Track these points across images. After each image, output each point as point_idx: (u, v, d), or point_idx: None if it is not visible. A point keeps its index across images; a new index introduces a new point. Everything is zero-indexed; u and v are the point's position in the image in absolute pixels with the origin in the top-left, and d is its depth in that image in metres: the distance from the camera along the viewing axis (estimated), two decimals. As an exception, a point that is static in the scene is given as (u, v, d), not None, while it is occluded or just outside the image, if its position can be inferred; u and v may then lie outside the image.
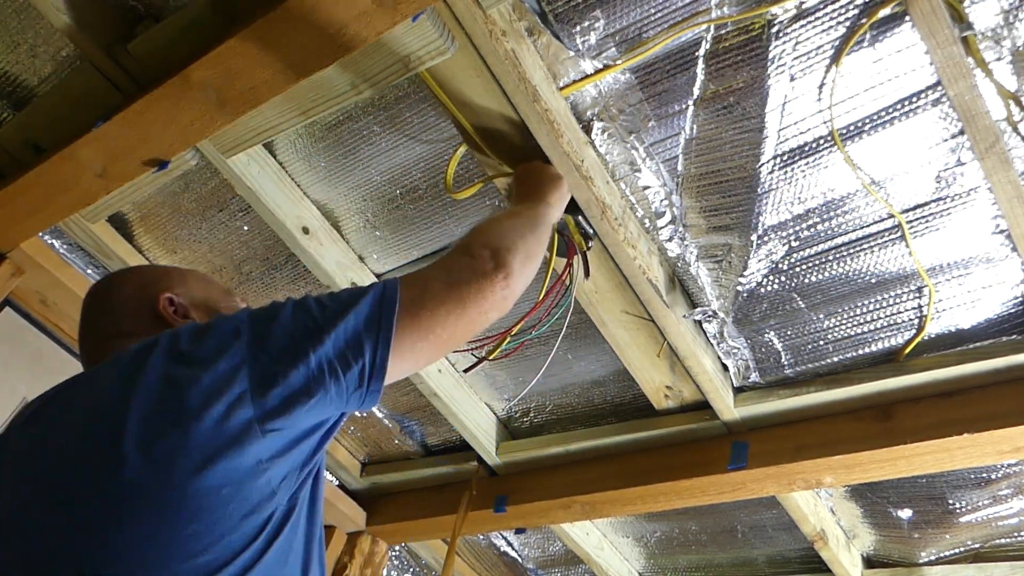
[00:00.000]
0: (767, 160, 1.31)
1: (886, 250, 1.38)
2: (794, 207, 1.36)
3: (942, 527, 1.84)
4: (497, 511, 1.95)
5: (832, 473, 1.56)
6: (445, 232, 1.62)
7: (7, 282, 1.70)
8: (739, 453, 1.64)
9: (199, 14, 1.17)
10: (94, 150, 1.32)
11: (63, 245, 1.80)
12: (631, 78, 1.28)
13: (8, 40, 1.34)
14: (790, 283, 1.47)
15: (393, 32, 1.10)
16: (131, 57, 1.25)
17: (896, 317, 1.45)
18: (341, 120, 1.45)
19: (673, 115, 1.30)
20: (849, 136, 1.26)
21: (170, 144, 1.29)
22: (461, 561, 2.54)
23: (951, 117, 1.19)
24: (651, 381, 1.67)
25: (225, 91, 1.18)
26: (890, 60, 1.16)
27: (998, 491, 1.71)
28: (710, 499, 1.72)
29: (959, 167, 1.24)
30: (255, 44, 1.10)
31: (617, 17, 1.19)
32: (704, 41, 1.21)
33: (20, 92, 1.41)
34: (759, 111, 1.25)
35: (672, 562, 2.32)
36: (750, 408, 1.64)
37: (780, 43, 1.18)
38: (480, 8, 1.11)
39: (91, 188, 1.39)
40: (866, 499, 1.87)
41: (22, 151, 1.46)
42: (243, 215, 1.68)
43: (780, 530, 2.04)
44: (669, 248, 1.47)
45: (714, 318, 1.55)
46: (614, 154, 1.36)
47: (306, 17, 1.05)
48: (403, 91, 1.36)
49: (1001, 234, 1.30)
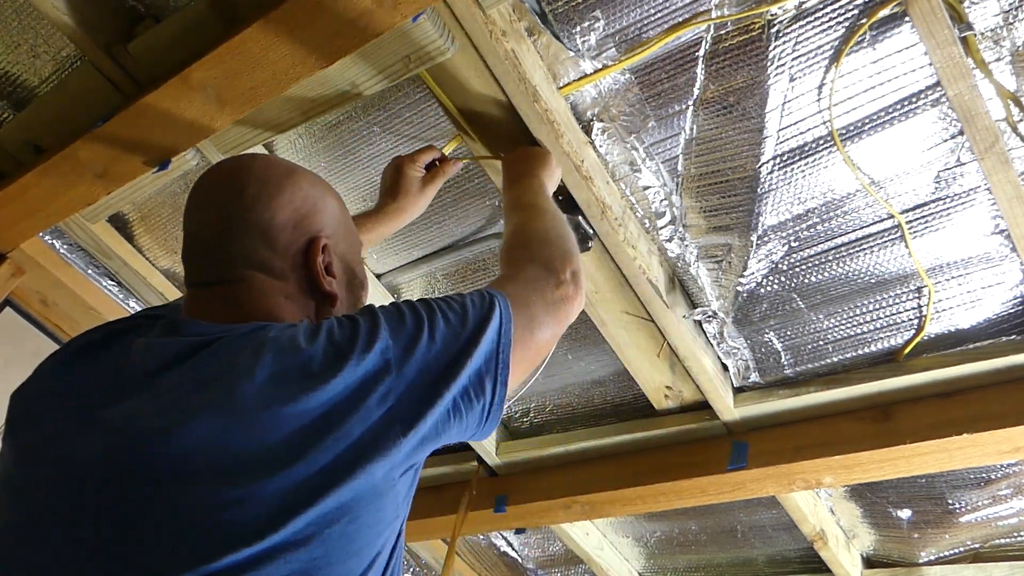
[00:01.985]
0: (767, 160, 1.31)
1: (886, 250, 1.38)
2: (794, 207, 1.36)
3: (942, 527, 1.84)
4: (497, 511, 1.95)
5: (832, 473, 1.56)
6: (445, 232, 1.62)
7: (7, 282, 1.70)
8: (739, 453, 1.64)
9: (199, 14, 1.17)
10: (94, 150, 1.32)
11: (63, 245, 1.80)
12: (631, 78, 1.28)
13: (8, 40, 1.33)
14: (790, 283, 1.47)
15: (393, 32, 1.10)
16: (131, 57, 1.24)
17: (896, 317, 1.45)
18: (341, 120, 1.45)
19: (673, 115, 1.30)
20: (849, 136, 1.26)
21: (170, 144, 1.29)
22: (461, 561, 2.54)
23: (951, 117, 1.19)
24: (651, 381, 1.67)
25: (225, 91, 1.18)
26: (890, 60, 1.16)
27: (998, 491, 1.71)
28: (710, 499, 1.72)
29: (959, 167, 1.24)
30: (255, 44, 1.10)
31: (617, 17, 1.19)
32: (704, 41, 1.21)
33: (20, 92, 1.41)
34: (759, 111, 1.25)
35: (672, 562, 2.32)
36: (750, 408, 1.64)
37: (780, 43, 1.18)
38: (480, 8, 1.11)
39: (91, 188, 1.39)
40: (866, 499, 1.87)
41: (22, 151, 1.46)
42: (243, 215, 1.68)
43: (780, 530, 2.04)
44: (669, 248, 1.47)
45: (714, 318, 1.55)
46: (614, 154, 1.36)
47: (306, 17, 1.05)
48: (403, 91, 1.37)
49: (1001, 234, 1.30)
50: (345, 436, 0.70)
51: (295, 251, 0.87)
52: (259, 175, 0.88)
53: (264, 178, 0.88)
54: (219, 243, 0.85)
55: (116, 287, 1.90)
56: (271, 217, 0.86)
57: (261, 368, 0.71)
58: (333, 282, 0.89)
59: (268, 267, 0.85)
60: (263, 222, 0.85)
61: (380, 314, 0.79)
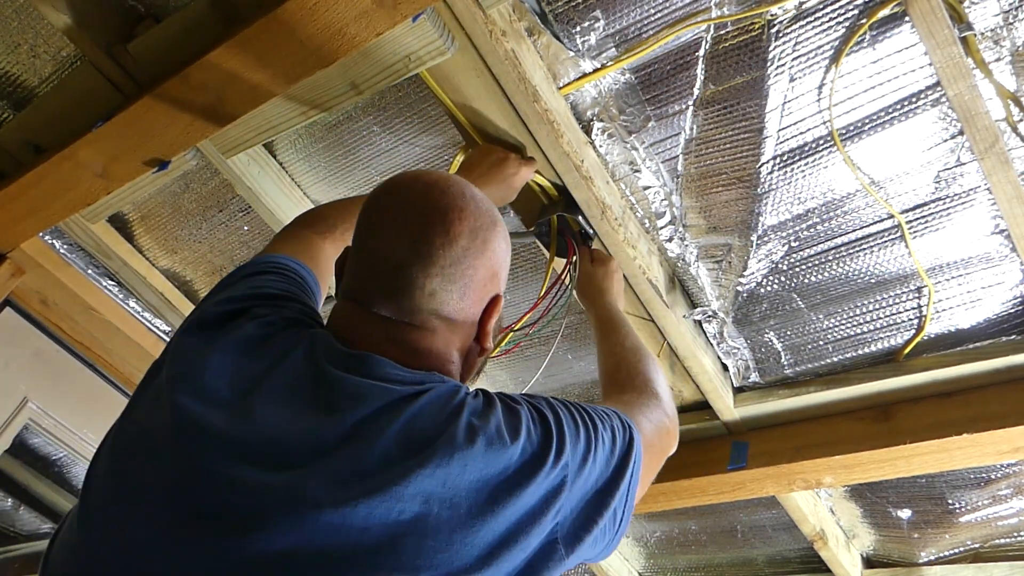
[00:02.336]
0: (767, 160, 1.31)
1: (886, 250, 1.38)
2: (794, 207, 1.36)
3: (942, 527, 1.84)
4: (497, 511, 1.95)
5: (832, 473, 1.56)
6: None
7: (7, 282, 1.70)
8: (739, 453, 1.64)
9: (199, 14, 1.17)
10: (94, 150, 1.32)
11: (63, 245, 1.80)
12: (631, 78, 1.28)
13: (8, 40, 1.33)
14: (790, 283, 1.47)
15: (393, 32, 1.11)
16: (131, 57, 1.25)
17: (896, 317, 1.45)
18: (341, 120, 1.45)
19: (673, 115, 1.30)
20: (849, 136, 1.26)
21: (170, 144, 1.29)
22: (461, 561, 2.53)
23: (950, 117, 1.19)
24: (651, 381, 1.67)
25: (225, 91, 1.18)
26: (890, 60, 1.16)
27: (998, 491, 1.71)
28: (710, 499, 1.72)
29: (958, 167, 1.24)
30: (256, 44, 1.10)
31: (617, 17, 1.19)
32: (704, 41, 1.21)
33: (20, 92, 1.41)
34: (759, 111, 1.25)
35: (672, 562, 2.31)
36: (750, 408, 1.64)
37: (780, 43, 1.18)
38: (480, 8, 1.11)
39: (91, 188, 1.39)
40: (866, 499, 1.87)
41: (22, 151, 1.46)
42: (243, 215, 1.68)
43: (780, 530, 2.04)
44: (669, 248, 1.47)
45: (714, 318, 1.55)
46: (614, 154, 1.36)
47: (307, 17, 1.05)
48: (403, 91, 1.37)
49: (1001, 234, 1.30)
50: (524, 550, 0.69)
51: (479, 308, 0.83)
52: (472, 222, 0.81)
53: (475, 227, 0.81)
54: (413, 279, 0.78)
55: (116, 287, 1.90)
56: (474, 273, 0.81)
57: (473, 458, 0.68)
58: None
59: (454, 320, 0.81)
60: (466, 277, 0.80)
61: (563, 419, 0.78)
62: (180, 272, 1.87)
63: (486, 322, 0.84)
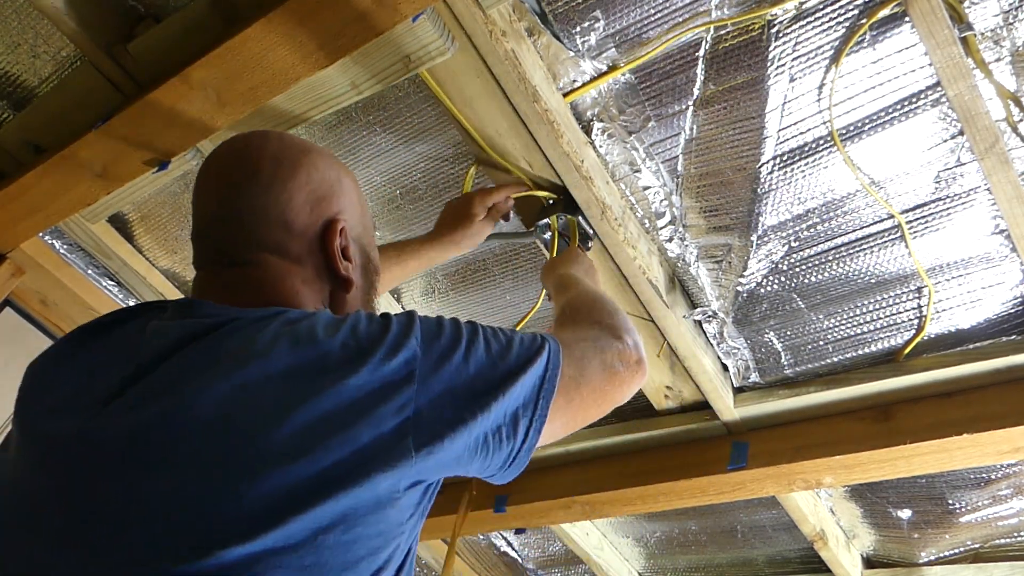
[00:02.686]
0: (767, 160, 1.31)
1: (886, 250, 1.38)
2: (794, 207, 1.36)
3: (942, 527, 1.84)
4: (497, 511, 1.95)
5: (832, 473, 1.56)
6: (445, 232, 1.62)
7: (7, 282, 1.70)
8: (739, 453, 1.64)
9: (199, 14, 1.17)
10: (94, 150, 1.32)
11: (63, 245, 1.80)
12: (631, 78, 1.28)
13: (8, 40, 1.33)
14: (790, 283, 1.47)
15: (393, 32, 1.10)
16: (131, 57, 1.24)
17: (896, 317, 1.45)
18: (341, 120, 1.45)
19: (673, 115, 1.30)
20: (849, 136, 1.26)
21: (170, 144, 1.29)
22: (461, 561, 2.54)
23: (950, 117, 1.19)
24: (651, 381, 1.67)
25: (225, 91, 1.18)
26: (890, 60, 1.16)
27: (998, 491, 1.71)
28: (710, 499, 1.72)
29: (959, 167, 1.24)
30: (256, 44, 1.10)
31: (617, 18, 1.19)
32: (704, 42, 1.21)
33: (20, 92, 1.41)
34: (759, 111, 1.25)
35: (672, 562, 2.32)
36: (750, 408, 1.64)
37: (780, 44, 1.18)
38: (480, 8, 1.11)
39: (91, 188, 1.39)
40: (866, 499, 1.87)
41: (22, 151, 1.46)
42: (243, 215, 1.68)
43: (780, 530, 2.04)
44: (669, 248, 1.47)
45: (714, 318, 1.55)
46: (614, 154, 1.36)
47: (307, 17, 1.05)
48: (403, 91, 1.37)
49: (1001, 234, 1.30)
50: (352, 440, 0.66)
51: (312, 234, 0.84)
52: (274, 154, 0.85)
53: (279, 158, 0.85)
54: (233, 224, 0.82)
55: (116, 287, 1.90)
56: (288, 199, 0.83)
57: (276, 356, 0.68)
58: (349, 267, 0.86)
59: (284, 250, 0.82)
60: (280, 204, 0.83)
61: (417, 322, 0.75)
62: (180, 272, 1.87)
63: (329, 247, 0.84)
